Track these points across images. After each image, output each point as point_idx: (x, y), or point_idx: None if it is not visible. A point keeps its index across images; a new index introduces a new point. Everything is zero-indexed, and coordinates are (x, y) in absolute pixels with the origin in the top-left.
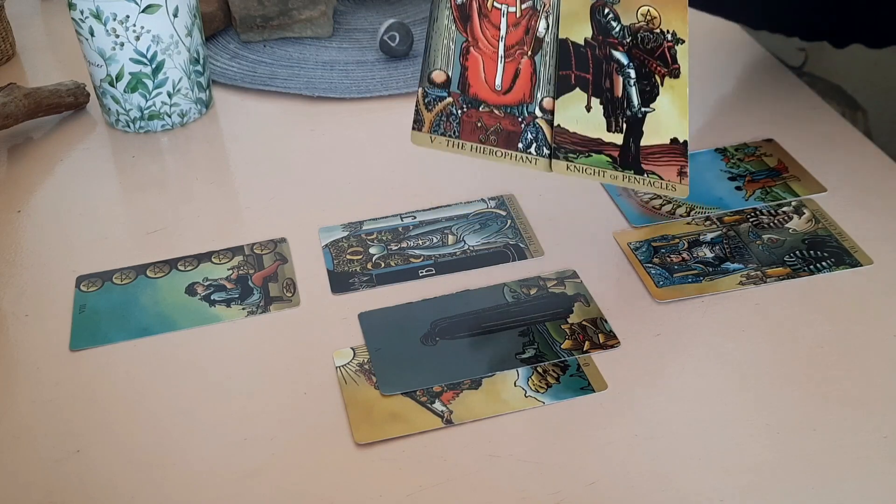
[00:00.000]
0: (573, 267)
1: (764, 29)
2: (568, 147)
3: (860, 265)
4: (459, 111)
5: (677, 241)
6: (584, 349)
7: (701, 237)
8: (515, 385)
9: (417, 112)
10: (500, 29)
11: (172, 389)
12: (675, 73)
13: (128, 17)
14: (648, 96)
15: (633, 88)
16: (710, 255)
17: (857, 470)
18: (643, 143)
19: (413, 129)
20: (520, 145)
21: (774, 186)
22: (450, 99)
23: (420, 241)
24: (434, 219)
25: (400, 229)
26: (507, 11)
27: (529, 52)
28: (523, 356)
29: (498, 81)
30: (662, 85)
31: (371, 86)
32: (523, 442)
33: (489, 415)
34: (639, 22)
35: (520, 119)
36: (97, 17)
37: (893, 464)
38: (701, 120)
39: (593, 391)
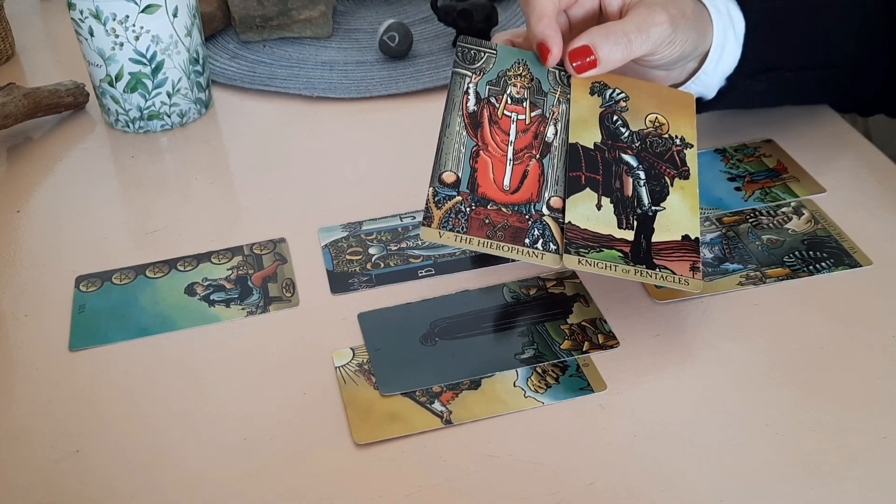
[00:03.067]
0: None
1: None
2: (579, 242)
3: (860, 265)
4: (468, 209)
5: None
6: (584, 349)
7: (700, 237)
8: (515, 385)
9: (427, 209)
10: (509, 134)
11: (172, 389)
12: (685, 175)
13: (127, 17)
14: (658, 196)
15: (644, 189)
16: (709, 255)
17: (857, 470)
18: (654, 239)
19: (422, 224)
20: (526, 241)
21: (774, 187)
22: (459, 198)
23: (419, 241)
24: None
25: (399, 229)
26: (517, 119)
27: (538, 156)
28: (523, 356)
29: (506, 182)
30: (672, 185)
31: (370, 86)
32: (522, 442)
33: (488, 415)
34: (647, 128)
35: (527, 216)
36: (97, 17)
37: (893, 464)
38: (700, 120)
39: (592, 391)
